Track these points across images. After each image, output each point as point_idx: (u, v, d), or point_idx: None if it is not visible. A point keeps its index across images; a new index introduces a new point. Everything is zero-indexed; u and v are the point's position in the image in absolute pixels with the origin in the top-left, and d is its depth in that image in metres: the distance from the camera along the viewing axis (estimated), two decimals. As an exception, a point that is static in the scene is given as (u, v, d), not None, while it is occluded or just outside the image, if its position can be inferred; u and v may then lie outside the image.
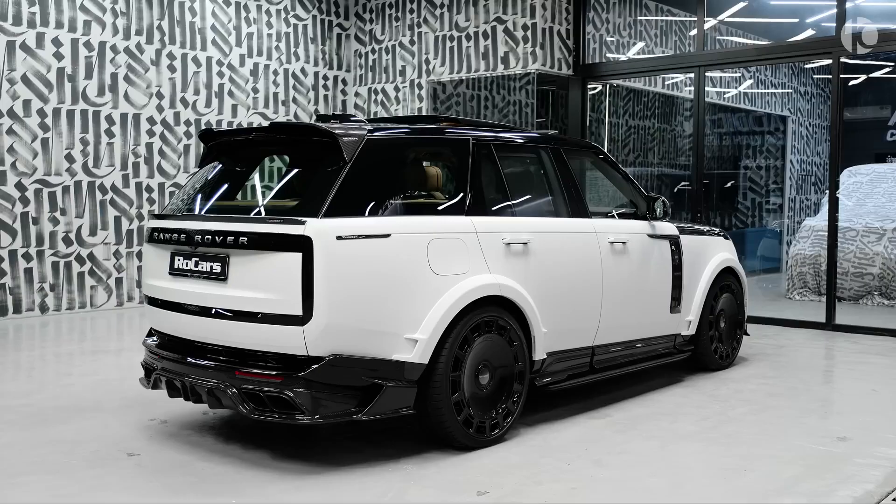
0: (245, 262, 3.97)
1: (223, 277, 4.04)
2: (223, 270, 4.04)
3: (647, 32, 11.34)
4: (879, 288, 9.80)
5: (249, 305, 3.92)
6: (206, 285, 4.13)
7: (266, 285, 3.88)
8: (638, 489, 3.80)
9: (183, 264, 4.27)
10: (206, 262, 4.13)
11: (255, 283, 3.92)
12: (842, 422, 4.92)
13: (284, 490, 3.74)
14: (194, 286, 4.20)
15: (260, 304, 3.89)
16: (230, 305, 4.00)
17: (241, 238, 3.96)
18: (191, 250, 4.21)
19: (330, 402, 3.88)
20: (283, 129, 4.46)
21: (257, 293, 3.90)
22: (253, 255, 3.94)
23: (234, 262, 4.01)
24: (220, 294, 4.05)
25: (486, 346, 4.35)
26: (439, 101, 11.10)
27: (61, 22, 8.84)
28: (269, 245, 3.88)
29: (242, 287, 3.96)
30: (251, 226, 3.99)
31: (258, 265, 3.92)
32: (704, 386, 5.80)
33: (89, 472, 3.97)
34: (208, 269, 4.11)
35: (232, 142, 4.72)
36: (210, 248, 4.10)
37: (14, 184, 8.55)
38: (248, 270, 3.96)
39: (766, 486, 3.84)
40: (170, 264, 4.37)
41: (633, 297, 5.41)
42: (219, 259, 4.07)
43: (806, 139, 14.79)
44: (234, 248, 3.99)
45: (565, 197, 5.11)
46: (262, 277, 3.90)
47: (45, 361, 6.76)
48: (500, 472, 3.97)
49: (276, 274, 3.85)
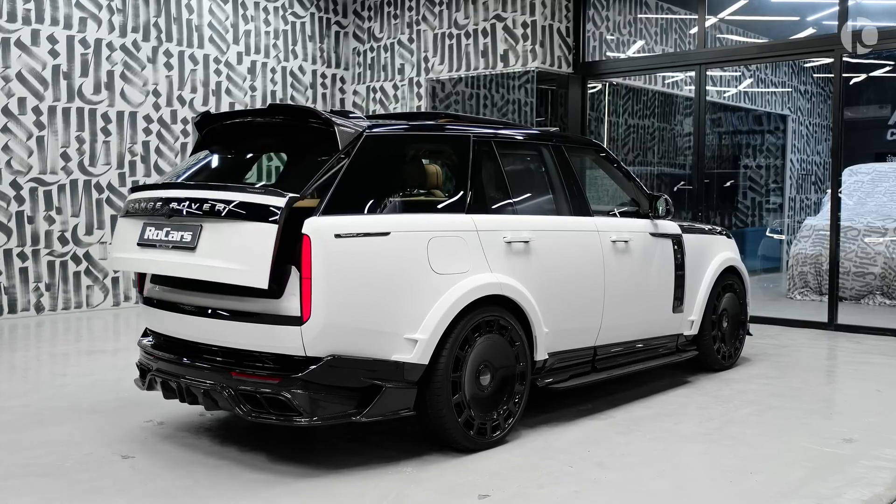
0: (217, 231, 3.82)
1: (192, 246, 3.87)
2: (193, 239, 3.88)
3: (648, 30, 11.29)
4: (881, 287, 9.75)
5: (215, 274, 3.78)
6: (174, 254, 3.95)
7: (235, 255, 3.72)
8: (641, 492, 3.74)
9: (153, 234, 4.09)
10: (178, 232, 3.96)
11: (223, 253, 3.76)
12: (846, 423, 4.86)
13: (282, 493, 3.68)
14: (162, 256, 4.02)
15: (226, 274, 3.74)
16: (195, 274, 3.86)
17: (218, 206, 3.80)
18: (164, 220, 4.03)
19: (328, 404, 3.82)
20: (282, 111, 4.32)
21: (225, 262, 3.75)
22: (226, 224, 3.78)
23: (206, 232, 3.85)
24: (186, 262, 3.89)
25: (487, 347, 4.29)
26: (438, 100, 11.04)
27: (57, 19, 8.76)
28: (246, 215, 3.72)
29: (211, 256, 3.80)
30: (230, 194, 3.83)
31: (230, 234, 3.77)
32: (707, 386, 5.74)
33: (82, 474, 3.90)
34: (178, 239, 3.94)
35: (227, 129, 4.58)
36: (184, 218, 3.93)
37: (9, 182, 8.48)
38: (218, 240, 3.80)
39: (772, 489, 3.77)
40: (140, 235, 4.18)
41: (635, 296, 5.35)
42: (191, 228, 3.91)
43: (806, 138, 14.74)
44: (208, 216, 3.83)
45: (567, 195, 5.05)
46: (232, 247, 3.75)
47: (40, 362, 6.69)
48: (502, 475, 3.91)
49: (247, 243, 3.70)
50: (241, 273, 3.70)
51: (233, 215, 3.77)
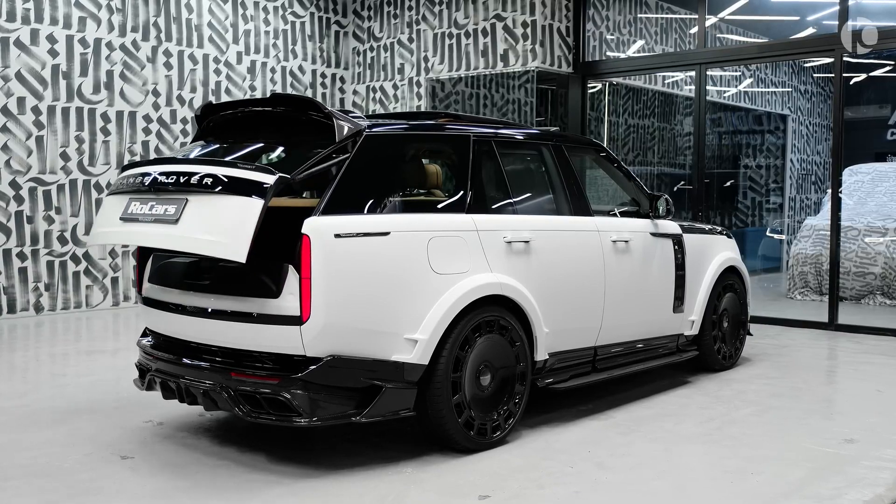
0: (202, 204, 3.76)
1: (175, 219, 3.79)
2: (177, 212, 3.80)
3: (648, 30, 11.27)
4: (881, 287, 9.74)
5: (194, 246, 3.74)
6: (156, 227, 3.88)
7: (216, 228, 3.68)
8: (642, 492, 3.72)
9: (137, 209, 4.01)
10: (162, 206, 3.88)
11: (205, 226, 3.71)
12: (847, 423, 4.84)
13: (281, 494, 3.66)
14: (143, 228, 3.95)
15: (205, 246, 3.70)
16: (174, 245, 3.82)
17: (207, 179, 3.75)
18: (150, 195, 3.96)
19: (328, 404, 3.80)
20: (284, 101, 4.29)
21: (206, 235, 3.70)
22: (212, 197, 3.73)
23: (191, 206, 3.78)
24: (167, 234, 3.82)
25: (488, 347, 4.27)
26: (438, 99, 11.02)
27: (56, 18, 8.75)
28: (233, 189, 3.68)
29: (192, 229, 3.74)
30: (220, 169, 3.79)
31: (214, 207, 3.72)
32: (708, 387, 5.73)
33: (81, 475, 3.89)
34: (161, 212, 3.87)
35: (227, 122, 4.54)
36: (170, 193, 3.87)
37: (8, 182, 8.47)
38: (202, 213, 3.75)
39: (773, 489, 3.76)
40: (123, 210, 4.10)
41: (635, 296, 5.33)
42: (176, 202, 3.84)
43: (806, 138, 14.73)
44: (195, 189, 3.77)
45: (567, 194, 5.03)
46: (215, 220, 3.69)
47: (39, 362, 6.67)
48: (502, 476, 3.90)
49: (230, 217, 3.64)
50: (220, 246, 3.64)
51: (220, 189, 3.71)
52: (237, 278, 3.99)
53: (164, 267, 4.44)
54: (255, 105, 4.41)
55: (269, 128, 4.50)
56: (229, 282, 4.03)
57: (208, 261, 4.18)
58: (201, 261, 4.24)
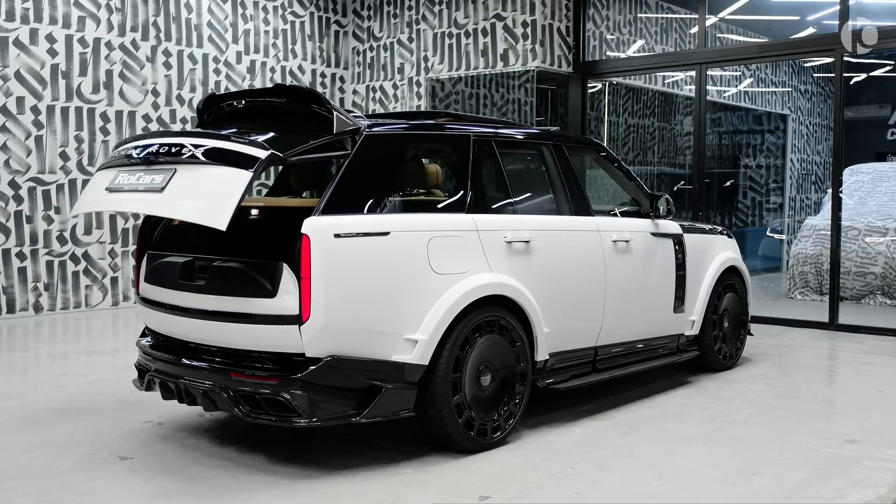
0: (190, 173, 3.74)
1: (161, 188, 3.75)
2: (163, 181, 3.76)
3: (648, 30, 11.26)
4: (882, 287, 9.72)
5: (175, 211, 3.71)
6: (140, 195, 3.85)
7: (200, 195, 3.66)
8: (643, 493, 3.71)
9: (124, 180, 3.98)
10: (150, 176, 3.85)
11: (190, 193, 3.69)
12: (848, 423, 4.83)
13: (280, 495, 3.65)
14: (127, 196, 3.92)
15: (186, 212, 3.68)
16: (154, 210, 3.81)
17: (198, 150, 3.74)
18: (139, 166, 3.93)
19: (327, 405, 3.79)
20: (287, 92, 4.27)
21: (189, 201, 3.68)
22: (201, 167, 3.71)
23: (179, 175, 3.75)
24: (150, 200, 3.80)
25: (488, 347, 4.26)
26: (438, 99, 11.01)
27: (55, 18, 8.73)
28: (224, 160, 3.65)
29: (176, 196, 3.71)
30: (213, 141, 3.78)
31: (202, 176, 3.70)
32: (708, 387, 5.71)
33: (80, 476, 3.88)
34: (148, 181, 3.84)
35: (228, 114, 4.51)
36: (159, 164, 3.83)
37: (7, 182, 8.45)
38: (188, 181, 3.72)
39: (774, 490, 3.75)
40: (111, 181, 4.06)
41: (636, 296, 5.32)
42: (164, 172, 3.80)
43: (806, 138, 14.72)
44: (185, 160, 3.75)
45: (567, 194, 5.02)
46: (200, 188, 3.67)
47: (38, 362, 6.66)
48: (503, 476, 3.89)
49: (216, 185, 3.62)
50: (202, 212, 3.61)
51: (211, 160, 3.70)
52: (233, 278, 3.97)
53: (160, 267, 4.42)
54: (258, 95, 4.39)
55: (270, 120, 4.47)
56: (225, 282, 4.00)
57: (202, 260, 4.15)
58: (195, 260, 4.20)
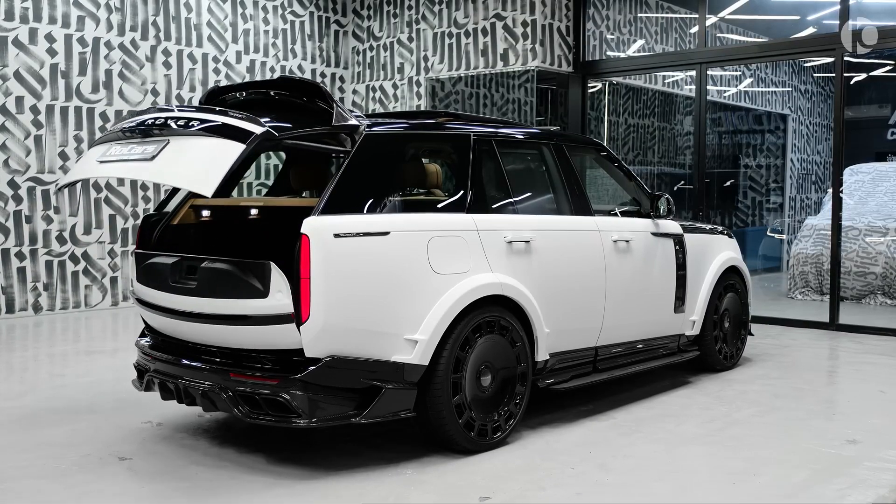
0: (182, 143, 3.73)
1: (151, 157, 3.74)
2: (154, 151, 3.75)
3: (648, 30, 11.25)
4: (882, 287, 9.71)
5: (162, 177, 3.70)
6: (129, 164, 3.85)
7: (190, 163, 3.64)
8: (644, 494, 3.70)
9: (116, 151, 3.96)
10: (142, 147, 3.84)
11: (179, 161, 3.67)
12: (850, 424, 4.82)
13: (280, 495, 3.64)
14: (117, 165, 3.91)
15: (173, 178, 3.68)
16: (140, 175, 3.79)
17: (194, 122, 3.74)
18: (133, 138, 3.93)
19: (327, 405, 3.78)
20: (291, 84, 4.23)
21: (178, 168, 3.66)
22: (194, 138, 3.70)
23: (171, 146, 3.74)
24: (138, 167, 3.79)
25: (488, 347, 4.25)
26: (438, 99, 10.99)
27: (54, 17, 8.72)
28: (218, 133, 3.65)
29: (166, 164, 3.70)
30: (210, 115, 3.78)
31: (194, 146, 3.69)
32: (709, 387, 5.70)
33: (79, 476, 3.86)
34: (140, 152, 3.82)
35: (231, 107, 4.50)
36: (153, 136, 3.83)
37: (7, 181, 8.43)
38: (179, 151, 3.70)
39: (776, 491, 3.74)
40: (102, 153, 4.05)
41: (636, 296, 5.31)
42: (157, 143, 3.79)
43: (806, 138, 14.70)
44: (180, 131, 3.74)
45: (568, 194, 5.01)
46: (191, 157, 3.66)
47: (37, 362, 6.65)
48: (503, 477, 3.87)
49: (207, 155, 3.61)
50: (188, 178, 3.59)
51: (205, 131, 3.69)
52: (223, 280, 3.92)
53: (149, 268, 4.36)
54: (261, 87, 4.37)
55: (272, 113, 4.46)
56: (215, 284, 3.95)
57: (191, 260, 4.10)
58: (183, 261, 4.15)
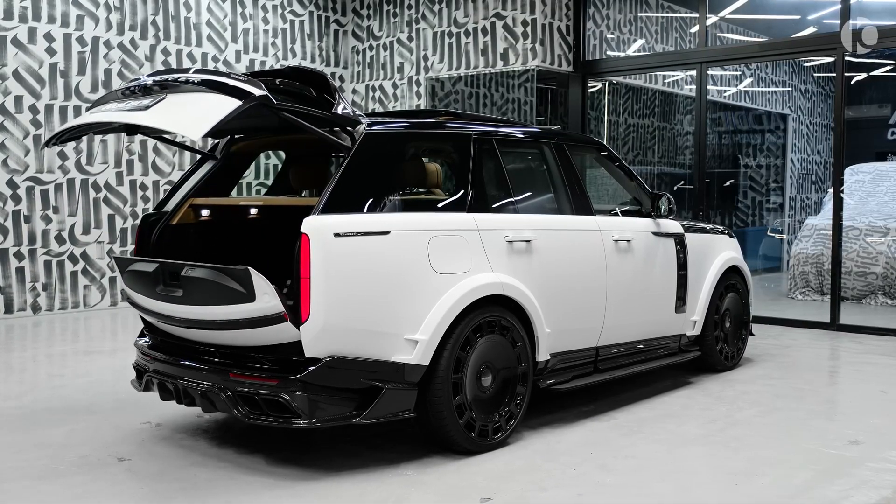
0: (179, 97, 3.71)
1: (146, 107, 3.72)
2: (150, 103, 3.73)
3: (648, 29, 11.23)
4: (883, 287, 9.70)
5: (153, 120, 3.67)
6: (122, 111, 3.81)
7: (183, 112, 3.63)
8: (646, 495, 3.68)
9: (112, 107, 3.94)
10: (138, 100, 3.83)
11: (172, 111, 3.66)
12: (851, 424, 4.80)
13: (280, 496, 3.62)
14: (111, 113, 3.88)
15: (164, 122, 3.66)
16: (131, 119, 3.75)
17: (193, 79, 3.73)
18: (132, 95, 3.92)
19: (327, 405, 3.76)
20: (300, 74, 4.19)
21: (170, 116, 3.64)
22: (191, 94, 3.70)
23: (168, 99, 3.72)
24: (130, 113, 3.75)
25: (489, 347, 4.23)
26: (437, 99, 10.98)
27: (54, 17, 8.70)
28: (216, 89, 3.63)
29: (159, 114, 3.67)
30: (212, 76, 3.76)
31: (189, 100, 3.67)
32: (710, 387, 5.68)
33: (78, 477, 3.84)
34: (135, 103, 3.81)
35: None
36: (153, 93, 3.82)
37: (6, 181, 8.41)
38: (175, 104, 3.69)
39: (778, 492, 3.72)
40: (97, 109, 4.03)
41: (637, 296, 5.29)
42: (154, 96, 3.77)
43: (806, 137, 14.69)
44: (178, 87, 3.73)
45: (569, 193, 4.99)
46: (186, 108, 3.64)
47: (36, 362, 6.63)
48: (504, 478, 3.86)
49: (202, 106, 3.59)
50: (180, 124, 3.57)
51: (204, 87, 3.67)
52: (208, 289, 3.86)
53: (132, 275, 4.31)
54: (269, 75, 4.35)
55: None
56: (201, 293, 3.90)
57: (171, 267, 4.04)
58: (162, 267, 4.08)
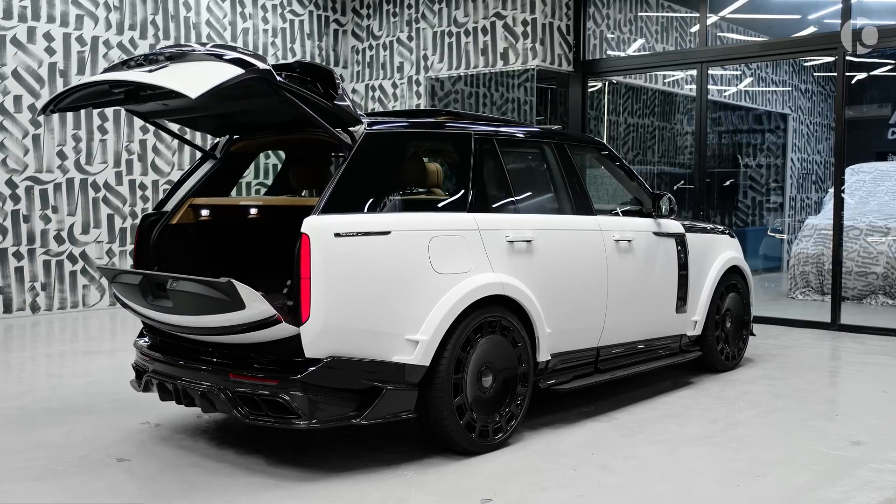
0: (182, 64, 3.69)
1: (149, 71, 3.70)
2: (152, 69, 3.71)
3: (648, 29, 11.22)
4: (883, 287, 9.68)
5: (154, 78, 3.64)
6: (126, 73, 3.79)
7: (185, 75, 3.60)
8: (647, 496, 3.67)
9: (112, 76, 3.90)
10: (141, 69, 3.77)
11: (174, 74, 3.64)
12: (853, 425, 4.79)
13: (279, 497, 3.61)
14: (112, 74, 3.86)
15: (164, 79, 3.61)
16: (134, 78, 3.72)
17: (198, 50, 3.73)
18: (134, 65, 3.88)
19: (327, 406, 3.75)
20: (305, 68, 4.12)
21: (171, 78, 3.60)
22: (195, 62, 3.68)
23: (171, 66, 3.70)
24: (132, 75, 3.73)
25: (489, 348, 4.21)
26: (437, 98, 10.96)
27: (53, 16, 8.68)
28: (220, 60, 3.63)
29: (160, 77, 3.63)
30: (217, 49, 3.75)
31: (192, 67, 3.65)
32: (711, 387, 5.67)
33: (77, 478, 3.83)
34: (139, 70, 3.77)
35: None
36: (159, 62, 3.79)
37: (5, 181, 8.40)
38: (177, 70, 3.66)
39: (780, 493, 3.71)
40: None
41: (638, 296, 5.28)
42: (158, 63, 3.75)
43: (807, 137, 14.68)
44: (183, 56, 3.73)
45: (569, 193, 4.98)
46: (187, 73, 3.61)
47: (35, 362, 6.61)
48: (504, 479, 3.84)
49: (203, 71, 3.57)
50: (180, 83, 3.54)
51: (208, 57, 3.66)
52: (197, 301, 3.84)
53: (122, 286, 4.28)
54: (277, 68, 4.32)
55: None
56: (192, 304, 3.88)
57: (157, 279, 4.01)
58: (147, 279, 4.05)
